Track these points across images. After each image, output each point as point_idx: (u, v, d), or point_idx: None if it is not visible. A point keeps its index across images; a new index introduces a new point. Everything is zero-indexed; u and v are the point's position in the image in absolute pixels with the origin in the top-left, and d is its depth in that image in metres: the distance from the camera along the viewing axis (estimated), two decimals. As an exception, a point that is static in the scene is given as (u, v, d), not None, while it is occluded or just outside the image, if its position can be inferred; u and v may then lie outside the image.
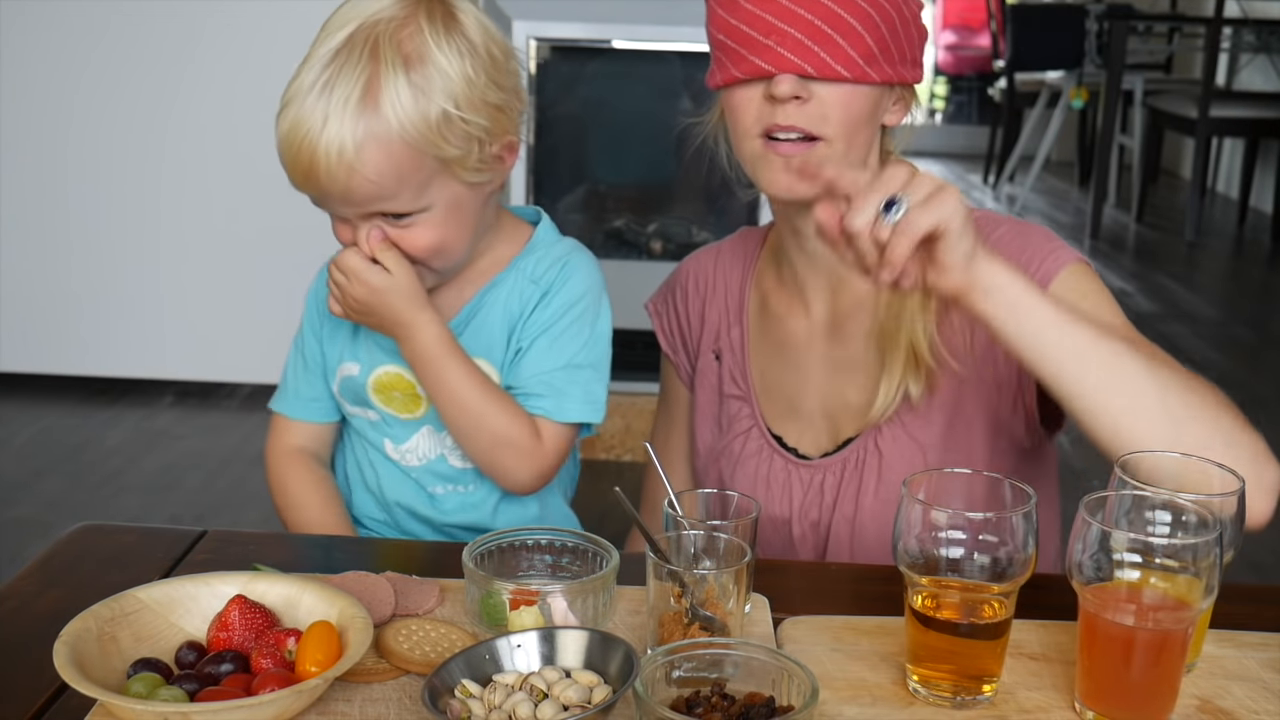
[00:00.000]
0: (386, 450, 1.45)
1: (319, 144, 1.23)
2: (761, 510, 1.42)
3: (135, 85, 3.73)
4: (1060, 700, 1.00)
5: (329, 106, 1.23)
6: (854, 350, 1.39)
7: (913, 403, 1.33)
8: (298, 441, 1.49)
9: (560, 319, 1.39)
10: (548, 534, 1.16)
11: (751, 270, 1.50)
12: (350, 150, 1.23)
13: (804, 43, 1.24)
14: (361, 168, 1.23)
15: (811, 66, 1.24)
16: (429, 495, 1.44)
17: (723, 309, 1.50)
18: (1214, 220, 6.82)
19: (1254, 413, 1.20)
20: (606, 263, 1.55)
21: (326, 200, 1.29)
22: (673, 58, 3.51)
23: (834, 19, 1.24)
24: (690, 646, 0.95)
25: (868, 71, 1.26)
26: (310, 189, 1.28)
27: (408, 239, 1.30)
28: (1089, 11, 6.62)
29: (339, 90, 1.23)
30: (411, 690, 0.99)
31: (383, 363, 1.42)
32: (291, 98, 1.26)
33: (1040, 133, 7.10)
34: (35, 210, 3.82)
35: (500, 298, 1.41)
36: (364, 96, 1.23)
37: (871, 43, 1.25)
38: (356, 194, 1.26)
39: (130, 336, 3.92)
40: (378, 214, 1.29)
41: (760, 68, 1.25)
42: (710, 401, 1.50)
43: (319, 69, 1.25)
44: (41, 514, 3.14)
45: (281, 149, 1.27)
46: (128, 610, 1.00)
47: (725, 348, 1.48)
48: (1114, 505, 0.99)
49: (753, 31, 1.25)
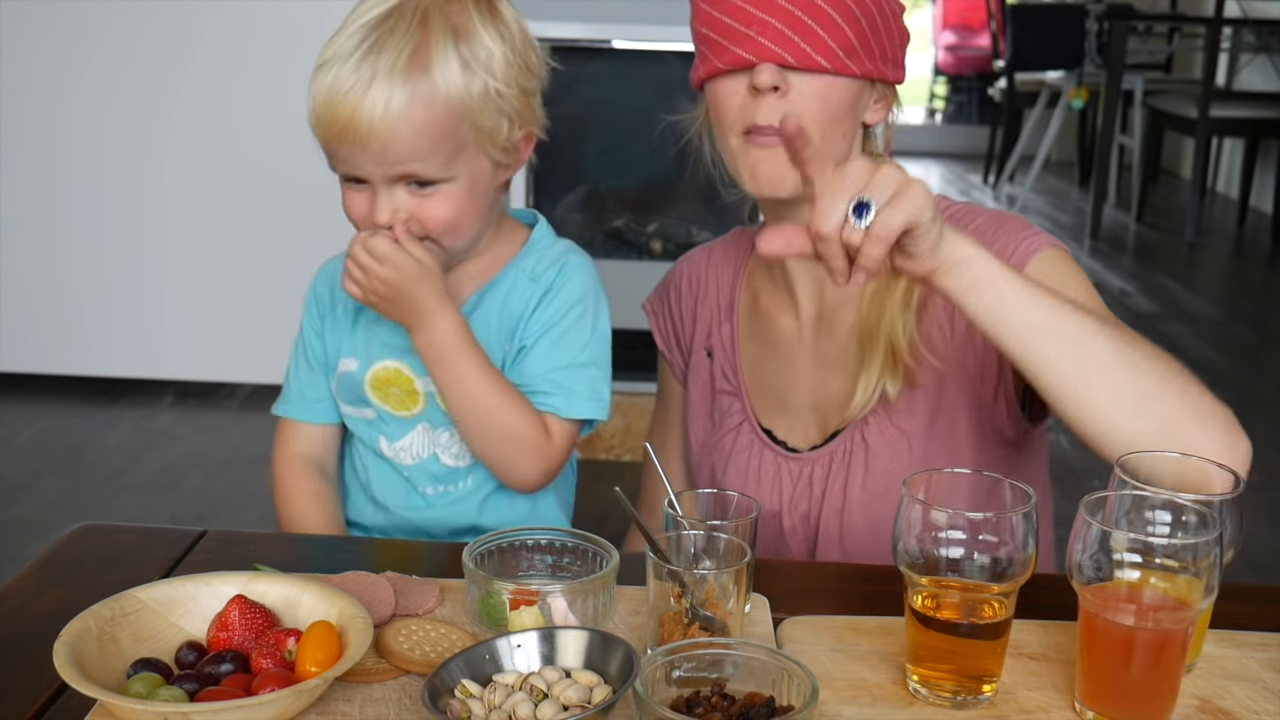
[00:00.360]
0: (381, 448, 1.45)
1: (364, 99, 1.25)
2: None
3: (135, 85, 3.73)
4: (1060, 700, 1.00)
5: (377, 65, 1.26)
6: (840, 345, 1.41)
7: (890, 400, 1.34)
8: (304, 449, 1.48)
9: (563, 318, 1.40)
10: (548, 534, 1.16)
11: (743, 268, 1.51)
12: (396, 106, 1.25)
13: (784, 33, 1.26)
14: (405, 124, 1.26)
15: (792, 56, 1.26)
16: (421, 495, 1.44)
17: (714, 306, 1.52)
18: (1214, 220, 6.82)
19: (1254, 412, 1.21)
20: (606, 263, 1.56)
21: (355, 159, 1.29)
22: (673, 58, 3.51)
23: (814, 10, 1.26)
24: (690, 646, 0.95)
25: (847, 64, 1.27)
26: (344, 145, 1.28)
27: (428, 208, 1.31)
28: (1089, 11, 6.62)
29: (388, 52, 1.26)
30: (411, 690, 0.99)
31: (381, 358, 1.42)
32: (331, 58, 1.27)
33: (1040, 133, 7.10)
34: (35, 210, 3.82)
35: (499, 297, 1.41)
36: (413, 58, 1.26)
37: (851, 35, 1.27)
38: (393, 151, 1.27)
39: (130, 336, 3.92)
40: (404, 178, 1.29)
41: (741, 57, 1.27)
42: (703, 398, 1.51)
43: (364, 32, 1.27)
44: (41, 514, 3.14)
45: (319, 104, 1.28)
46: (128, 610, 1.00)
47: (717, 344, 1.50)
48: (1114, 505, 0.99)
49: (734, 22, 1.27)
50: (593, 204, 3.84)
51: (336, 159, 1.32)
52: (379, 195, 1.31)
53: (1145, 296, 5.29)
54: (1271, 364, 4.59)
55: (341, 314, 1.46)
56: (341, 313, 1.46)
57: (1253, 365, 4.56)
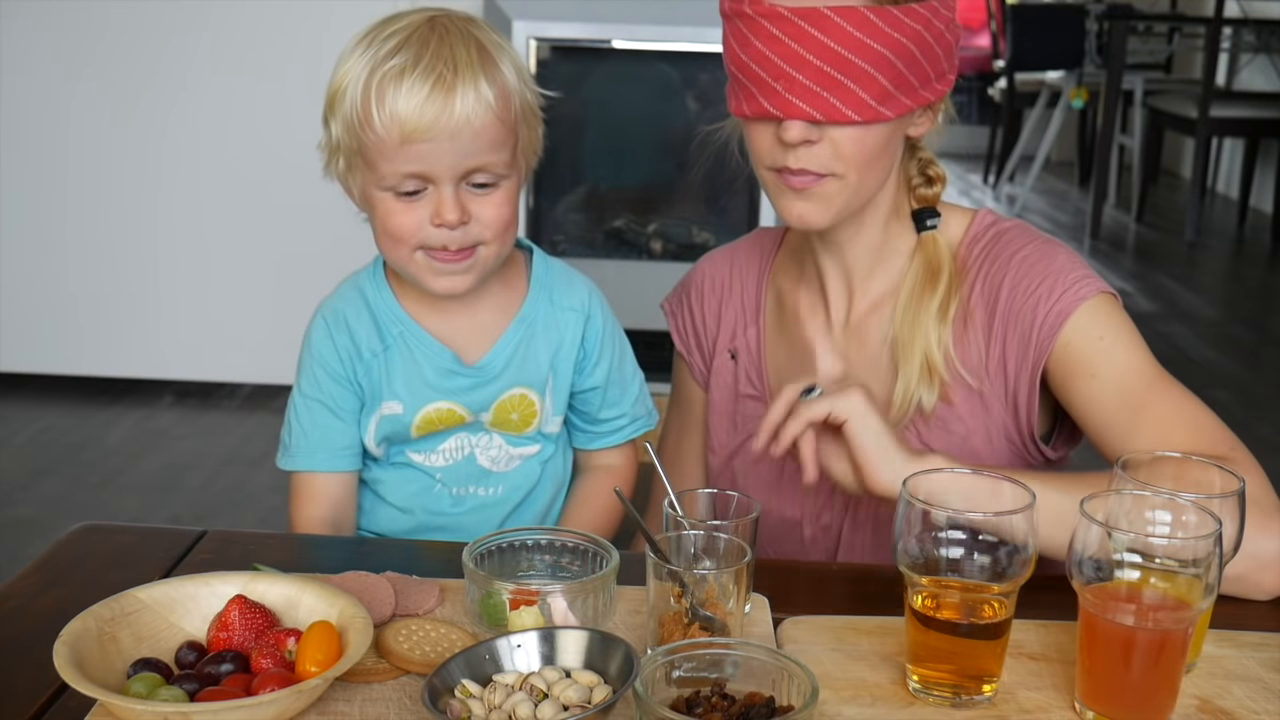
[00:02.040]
0: (408, 457, 1.41)
1: (454, 90, 1.25)
2: (774, 512, 1.43)
3: (135, 85, 3.73)
4: (1060, 700, 1.00)
5: (455, 58, 1.26)
6: (870, 354, 1.39)
7: (925, 412, 1.33)
8: (324, 512, 1.40)
9: (613, 337, 1.44)
10: (548, 534, 1.16)
11: (768, 270, 1.50)
12: (486, 95, 1.26)
13: (811, 89, 1.22)
14: (491, 113, 1.26)
15: (820, 113, 1.22)
16: (451, 496, 1.42)
17: (739, 308, 1.50)
18: (1214, 220, 6.82)
19: (1254, 412, 1.20)
20: (606, 263, 1.56)
21: (430, 156, 1.26)
22: (673, 58, 3.51)
23: (843, 64, 1.21)
24: (690, 646, 0.95)
25: (881, 111, 1.24)
26: (425, 142, 1.25)
27: (488, 207, 1.30)
28: (1089, 11, 6.61)
29: (459, 49, 1.27)
30: (411, 690, 0.99)
31: (431, 400, 1.38)
32: (383, 67, 1.25)
33: (1040, 133, 7.10)
34: (35, 211, 3.82)
35: (538, 329, 1.40)
36: (481, 55, 1.28)
37: (885, 81, 1.23)
38: (480, 139, 1.26)
39: (130, 336, 3.92)
40: (471, 174, 1.28)
41: (768, 111, 1.24)
42: (725, 400, 1.50)
43: (407, 42, 1.26)
44: (41, 514, 3.14)
45: (394, 108, 1.24)
46: (128, 610, 1.00)
47: (741, 347, 1.49)
48: (1114, 505, 0.99)
49: (761, 72, 1.24)
50: (593, 204, 3.84)
51: (398, 163, 1.27)
52: (444, 196, 1.28)
53: (1145, 296, 5.29)
54: (1271, 364, 4.58)
55: (371, 358, 1.38)
56: (370, 356, 1.38)
57: (1253, 365, 4.56)
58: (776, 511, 1.43)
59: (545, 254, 1.46)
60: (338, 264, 1.66)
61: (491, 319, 1.40)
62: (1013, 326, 1.31)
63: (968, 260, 1.36)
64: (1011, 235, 1.35)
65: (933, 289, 1.33)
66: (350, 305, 1.39)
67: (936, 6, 1.25)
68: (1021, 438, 1.34)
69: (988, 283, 1.33)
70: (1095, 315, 1.27)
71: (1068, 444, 1.39)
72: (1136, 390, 1.25)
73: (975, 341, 1.33)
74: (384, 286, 1.39)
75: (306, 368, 1.40)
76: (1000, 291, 1.32)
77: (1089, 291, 1.28)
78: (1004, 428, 1.34)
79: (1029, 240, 1.34)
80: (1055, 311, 1.27)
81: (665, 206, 3.83)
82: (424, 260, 1.31)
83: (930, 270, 1.34)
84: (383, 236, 1.32)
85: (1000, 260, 1.33)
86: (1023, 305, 1.30)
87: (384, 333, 1.38)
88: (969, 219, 1.39)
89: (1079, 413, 1.29)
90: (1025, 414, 1.32)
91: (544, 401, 1.41)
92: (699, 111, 3.53)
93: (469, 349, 1.38)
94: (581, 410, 1.46)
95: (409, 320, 1.38)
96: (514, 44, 1.40)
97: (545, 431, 1.43)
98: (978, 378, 1.33)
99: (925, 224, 1.37)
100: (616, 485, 1.34)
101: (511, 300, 1.41)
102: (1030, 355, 1.30)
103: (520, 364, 1.39)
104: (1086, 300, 1.27)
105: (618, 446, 1.49)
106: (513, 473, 1.42)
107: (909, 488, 0.99)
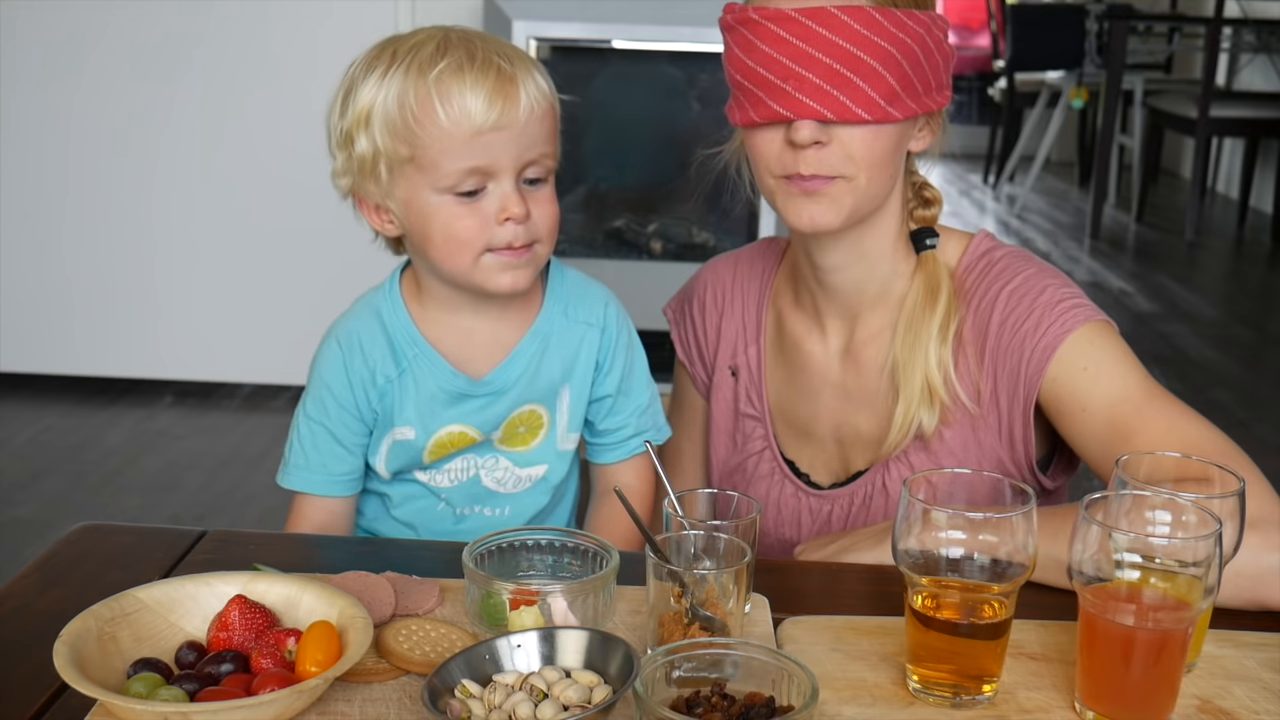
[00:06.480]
0: (415, 476, 1.41)
1: (516, 81, 1.26)
2: (770, 533, 1.44)
3: (135, 85, 3.73)
4: (1060, 700, 1.00)
5: (504, 52, 1.27)
6: (868, 381, 1.39)
7: (924, 435, 1.33)
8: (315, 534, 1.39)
9: (627, 346, 1.43)
10: (548, 534, 1.16)
11: (769, 287, 1.49)
12: (544, 87, 1.29)
13: (822, 87, 1.22)
14: (549, 104, 1.29)
15: (831, 111, 1.22)
16: (455, 516, 1.42)
17: (740, 325, 1.50)
18: (1214, 220, 6.82)
19: (1254, 412, 1.20)
20: (606, 263, 1.56)
21: (496, 149, 1.25)
22: (673, 58, 3.51)
23: (853, 61, 1.21)
24: (690, 646, 0.95)
25: (890, 111, 1.24)
26: (494, 126, 1.25)
27: (543, 203, 1.31)
28: (1089, 11, 6.62)
29: (499, 47, 1.28)
30: (411, 690, 0.99)
31: (444, 424, 1.37)
32: (434, 65, 1.25)
33: (1040, 133, 7.10)
34: (35, 210, 3.82)
35: (552, 343, 1.39)
36: (524, 56, 1.29)
37: (893, 81, 1.23)
38: (540, 128, 1.28)
39: (130, 336, 3.92)
40: (530, 166, 1.29)
41: (778, 113, 1.24)
42: (726, 416, 1.50)
43: (450, 46, 1.27)
44: (41, 514, 3.14)
45: (465, 97, 1.24)
46: (128, 610, 1.00)
47: (742, 365, 1.48)
48: (1114, 505, 0.99)
49: (770, 75, 1.24)
50: (593, 204, 3.84)
51: (464, 158, 1.25)
52: (507, 191, 1.27)
53: (1145, 296, 5.29)
54: (1271, 364, 4.58)
55: (385, 383, 1.36)
56: (385, 382, 1.36)
57: (1253, 365, 4.56)
58: (773, 532, 1.44)
59: (562, 265, 1.44)
60: (337, 264, 1.66)
61: (507, 332, 1.38)
62: (1003, 363, 1.31)
63: (963, 287, 1.36)
64: (1002, 266, 1.34)
65: (933, 308, 1.33)
66: (365, 328, 1.37)
67: (934, 19, 1.27)
68: (1019, 468, 1.34)
69: (979, 316, 1.33)
70: (1080, 348, 1.27)
71: (1065, 472, 1.39)
72: (1126, 418, 1.24)
73: (970, 371, 1.33)
74: (400, 307, 1.37)
75: (314, 390, 1.38)
76: (989, 326, 1.32)
77: (1074, 323, 1.27)
78: (999, 461, 1.34)
79: (1019, 271, 1.33)
80: (1041, 347, 1.28)
81: (665, 206, 3.82)
82: (491, 260, 1.29)
83: (930, 289, 1.34)
84: (446, 244, 1.28)
85: (990, 294, 1.33)
86: (1010, 341, 1.30)
87: (399, 356, 1.36)
88: (965, 243, 1.39)
89: (1074, 445, 1.30)
90: (1022, 446, 1.33)
91: (554, 416, 1.40)
92: (699, 111, 3.53)
93: (483, 364, 1.37)
94: (588, 419, 1.45)
95: (424, 343, 1.36)
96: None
97: (559, 449, 1.41)
98: (975, 405, 1.33)
99: (925, 243, 1.37)
100: (618, 487, 1.34)
101: (526, 313, 1.39)
102: (1020, 392, 1.30)
103: (531, 379, 1.38)
104: (1072, 333, 1.27)
105: (633, 466, 1.46)
106: (521, 494, 1.42)
107: (909, 487, 0.99)
